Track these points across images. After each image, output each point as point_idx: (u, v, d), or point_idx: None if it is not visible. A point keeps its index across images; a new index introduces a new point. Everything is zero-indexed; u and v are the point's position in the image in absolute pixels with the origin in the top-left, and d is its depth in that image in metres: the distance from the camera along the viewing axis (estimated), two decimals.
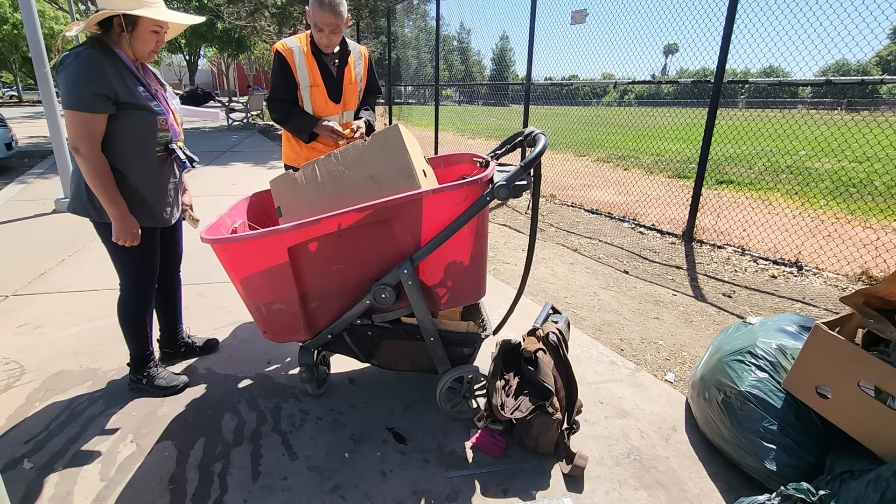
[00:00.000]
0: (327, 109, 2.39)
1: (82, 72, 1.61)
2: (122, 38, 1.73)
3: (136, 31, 1.72)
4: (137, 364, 2.06)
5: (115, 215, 1.74)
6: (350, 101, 2.45)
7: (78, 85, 1.60)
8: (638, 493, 1.60)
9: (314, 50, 2.32)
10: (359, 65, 2.45)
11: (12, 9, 27.48)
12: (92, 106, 1.63)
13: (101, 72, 1.63)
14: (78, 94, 1.61)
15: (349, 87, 2.43)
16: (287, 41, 2.34)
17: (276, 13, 14.56)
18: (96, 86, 1.62)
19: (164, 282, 2.19)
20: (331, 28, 2.21)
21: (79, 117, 1.62)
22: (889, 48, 31.04)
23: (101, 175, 1.68)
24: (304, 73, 2.32)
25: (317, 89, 2.34)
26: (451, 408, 1.91)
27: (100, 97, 1.63)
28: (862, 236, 4.16)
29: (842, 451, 1.45)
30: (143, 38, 1.74)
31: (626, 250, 4.15)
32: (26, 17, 4.48)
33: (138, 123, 1.76)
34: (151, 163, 1.84)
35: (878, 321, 1.45)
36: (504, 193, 1.59)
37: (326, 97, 2.37)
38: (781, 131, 4.18)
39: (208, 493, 1.55)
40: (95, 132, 1.66)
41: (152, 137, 1.81)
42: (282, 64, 2.30)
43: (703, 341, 2.63)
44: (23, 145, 9.99)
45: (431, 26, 10.97)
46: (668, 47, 15.29)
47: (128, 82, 1.71)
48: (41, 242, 4.01)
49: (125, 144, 1.75)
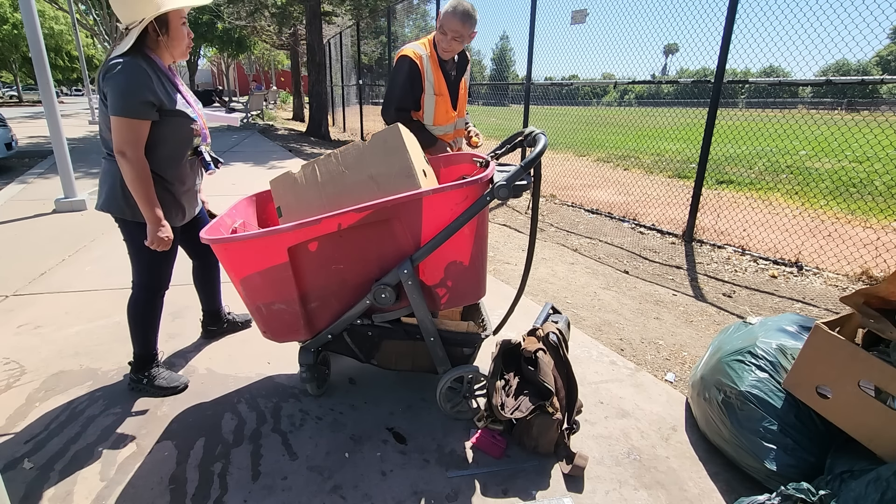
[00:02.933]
0: (447, 118, 2.42)
1: (130, 81, 1.66)
2: (160, 43, 1.77)
3: (169, 31, 1.76)
4: (140, 363, 2.06)
5: (153, 219, 1.77)
6: (462, 109, 2.50)
7: (126, 93, 1.65)
8: (638, 493, 1.60)
9: (438, 57, 2.34)
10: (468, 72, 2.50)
11: (12, 9, 27.48)
12: (139, 113, 1.68)
13: (146, 81, 1.68)
14: (126, 101, 1.65)
15: (462, 94, 2.47)
16: (414, 47, 2.32)
17: (276, 13, 14.56)
18: (143, 94, 1.67)
19: (203, 264, 2.35)
20: (454, 34, 2.24)
21: (126, 123, 1.67)
22: (889, 48, 31.05)
23: (144, 179, 1.72)
24: (430, 80, 2.32)
25: (441, 98, 2.36)
26: (451, 408, 1.91)
27: (146, 105, 1.69)
28: (862, 236, 4.16)
29: (842, 451, 1.45)
30: (178, 36, 1.79)
31: (626, 250, 4.15)
32: (26, 17, 4.48)
33: (177, 130, 1.82)
34: (184, 166, 1.91)
35: (878, 321, 1.45)
36: (504, 193, 1.59)
37: (449, 105, 2.39)
38: (781, 131, 4.18)
39: (208, 493, 1.55)
40: (141, 137, 1.71)
41: (188, 143, 1.88)
42: (412, 70, 2.29)
43: (703, 341, 2.63)
44: (23, 145, 9.99)
45: (431, 26, 10.98)
46: (668, 47, 15.28)
47: (168, 90, 1.78)
48: (41, 242, 4.01)
49: (164, 149, 1.81)
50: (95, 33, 22.96)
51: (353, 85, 13.46)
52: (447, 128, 2.51)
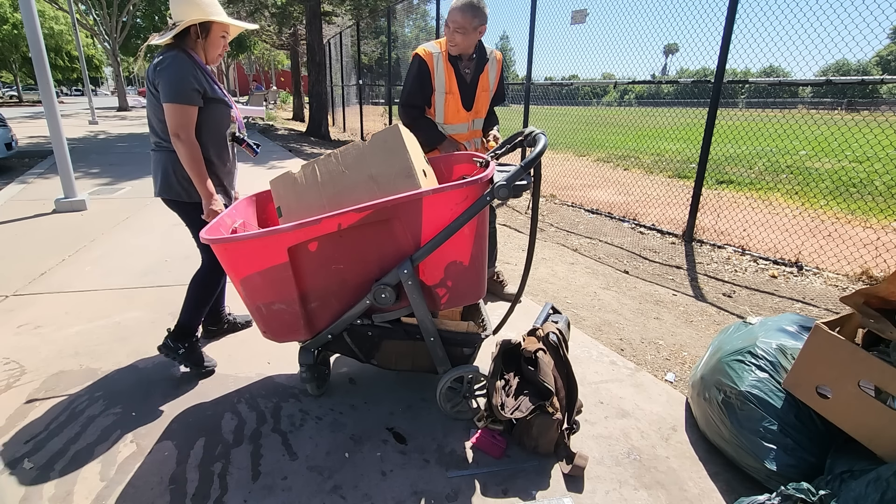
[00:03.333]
0: (458, 117, 2.39)
1: (180, 71, 1.88)
2: (198, 44, 2.01)
3: (209, 37, 2.02)
4: (182, 333, 2.15)
5: (206, 194, 1.98)
6: (481, 109, 2.44)
7: (177, 82, 1.87)
8: (638, 493, 1.60)
9: (451, 56, 2.32)
10: (493, 71, 2.42)
11: (12, 9, 27.48)
12: (190, 99, 1.90)
13: (192, 71, 1.92)
14: (178, 89, 1.87)
15: (482, 95, 2.41)
16: (427, 46, 2.36)
17: (276, 13, 14.57)
18: (191, 82, 1.90)
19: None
20: (455, 26, 2.22)
21: (180, 109, 1.89)
22: (889, 48, 31.04)
23: (197, 158, 1.94)
24: (441, 79, 2.32)
25: (451, 97, 2.34)
26: (451, 408, 1.91)
27: (195, 92, 1.92)
28: (862, 236, 4.16)
29: (842, 451, 1.45)
30: (215, 43, 2.05)
31: (626, 250, 4.15)
32: (26, 17, 4.48)
33: (218, 115, 2.05)
34: (225, 150, 2.14)
35: (878, 321, 1.45)
36: (504, 193, 1.59)
37: (459, 104, 2.36)
38: (781, 131, 4.18)
39: (208, 493, 1.55)
40: (192, 121, 1.94)
41: (227, 128, 2.12)
42: (421, 68, 2.31)
43: (703, 341, 2.63)
44: (23, 145, 9.99)
45: (431, 26, 10.97)
46: (668, 47, 15.27)
47: (208, 80, 2.00)
48: (41, 242, 4.01)
49: (209, 133, 2.04)
50: (95, 33, 22.98)
51: (353, 85, 13.46)
52: (460, 127, 2.49)
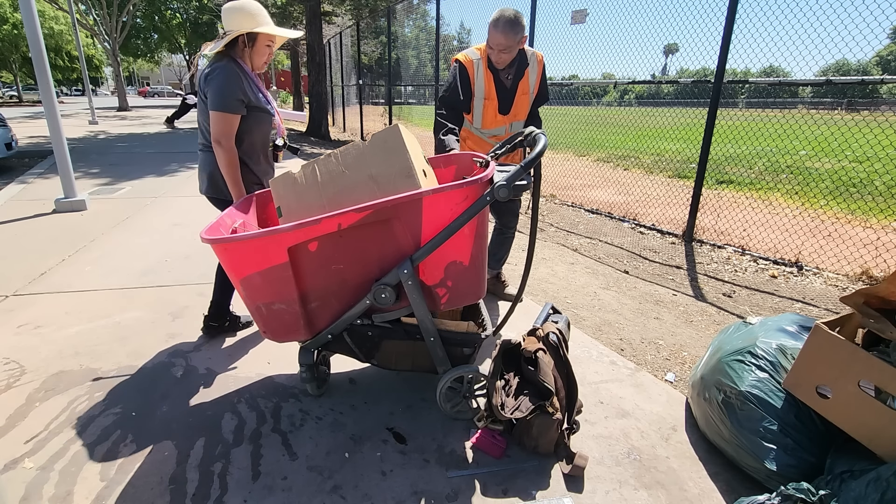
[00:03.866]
0: (496, 122, 2.44)
1: (227, 82, 2.02)
2: (245, 52, 2.14)
3: (255, 45, 2.14)
4: (219, 309, 2.46)
5: (237, 195, 2.15)
6: (520, 112, 2.47)
7: (223, 92, 2.02)
8: (638, 493, 1.60)
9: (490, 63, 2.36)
10: (533, 74, 2.45)
11: (12, 9, 27.48)
12: (234, 108, 2.05)
13: (238, 82, 2.05)
14: (224, 99, 2.02)
15: (521, 98, 2.44)
16: (469, 53, 2.42)
17: (276, 13, 14.57)
18: (236, 93, 2.04)
19: None
20: (500, 48, 2.26)
21: (223, 117, 2.04)
22: (889, 48, 31.03)
23: (234, 163, 2.11)
24: (480, 85, 2.38)
25: (489, 102, 2.39)
26: (451, 408, 1.91)
27: (239, 101, 2.06)
28: (862, 236, 4.16)
29: (842, 451, 1.45)
30: (260, 51, 2.17)
31: (626, 250, 4.15)
32: (26, 17, 4.48)
33: (259, 123, 2.18)
34: (265, 155, 2.28)
35: (878, 321, 1.45)
36: (504, 193, 1.59)
37: (497, 110, 2.42)
38: (781, 131, 4.18)
39: (208, 493, 1.55)
40: (233, 129, 2.08)
41: (268, 135, 2.25)
42: (462, 75, 2.37)
43: (703, 341, 2.63)
44: (23, 145, 9.99)
45: (431, 26, 10.98)
46: (668, 47, 15.27)
47: (253, 89, 2.14)
48: (41, 242, 4.01)
49: (250, 139, 2.18)
50: (95, 33, 22.98)
51: (353, 85, 13.46)
52: (497, 130, 2.56)
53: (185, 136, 12.77)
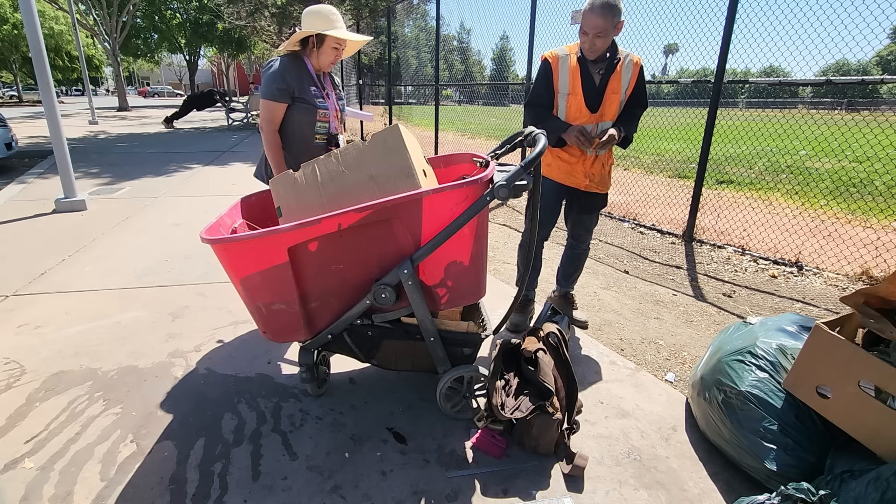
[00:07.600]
0: (581, 118, 2.34)
1: (274, 73, 2.17)
2: (312, 52, 2.26)
3: (322, 46, 2.25)
4: None
5: None
6: (609, 111, 2.35)
7: (269, 81, 2.18)
8: (638, 493, 1.60)
9: (581, 58, 2.29)
10: (627, 74, 2.33)
11: (12, 9, 27.48)
12: (274, 96, 2.18)
13: (285, 73, 2.18)
14: (268, 87, 2.18)
15: (611, 97, 2.33)
16: (555, 49, 2.38)
17: (276, 13, 14.56)
18: (279, 83, 2.17)
19: None
20: (595, 31, 2.15)
21: (266, 104, 2.20)
22: (889, 48, 31.02)
23: (274, 149, 2.25)
24: (564, 80, 2.31)
25: (573, 98, 2.31)
26: (451, 408, 1.91)
27: (282, 91, 2.18)
28: (862, 236, 4.16)
29: (842, 451, 1.45)
30: (326, 52, 2.27)
31: (626, 250, 4.15)
32: (26, 18, 4.48)
33: (302, 113, 2.27)
34: (311, 147, 2.33)
35: (878, 321, 1.45)
36: (504, 193, 1.59)
37: (582, 106, 2.32)
38: (781, 131, 4.18)
39: (208, 493, 1.55)
40: (275, 116, 2.22)
41: (312, 125, 2.31)
42: (545, 71, 2.34)
43: (703, 341, 2.63)
44: (23, 145, 9.98)
45: (431, 26, 10.98)
46: (668, 47, 15.30)
47: (304, 82, 2.24)
48: (41, 242, 4.01)
49: (292, 129, 2.28)
50: (95, 33, 22.97)
51: (353, 85, 13.46)
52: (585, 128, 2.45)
53: (186, 136, 12.78)
